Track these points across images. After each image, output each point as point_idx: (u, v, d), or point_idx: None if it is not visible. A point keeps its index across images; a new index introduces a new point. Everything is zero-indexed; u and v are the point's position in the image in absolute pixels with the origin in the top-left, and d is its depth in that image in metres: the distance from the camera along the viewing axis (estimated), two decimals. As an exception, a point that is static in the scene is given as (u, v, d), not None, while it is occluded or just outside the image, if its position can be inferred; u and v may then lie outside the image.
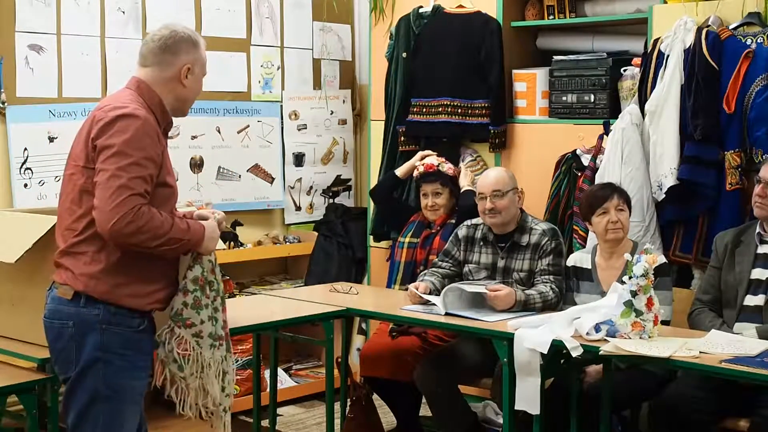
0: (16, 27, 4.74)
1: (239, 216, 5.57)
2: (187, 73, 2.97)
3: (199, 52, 3.01)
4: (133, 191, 2.75)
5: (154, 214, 2.79)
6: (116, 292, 2.84)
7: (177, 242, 2.86)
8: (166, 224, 2.82)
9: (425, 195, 4.74)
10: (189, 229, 2.91)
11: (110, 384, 2.85)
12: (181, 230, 2.87)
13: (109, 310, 2.84)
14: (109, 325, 2.84)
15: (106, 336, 2.84)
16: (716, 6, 4.31)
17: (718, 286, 3.84)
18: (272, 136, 5.81)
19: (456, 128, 5.18)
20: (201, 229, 2.96)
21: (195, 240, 2.93)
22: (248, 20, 5.69)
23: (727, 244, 3.85)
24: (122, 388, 2.87)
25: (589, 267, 4.08)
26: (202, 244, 2.96)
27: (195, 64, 2.99)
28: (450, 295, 3.98)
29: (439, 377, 4.19)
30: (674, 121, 4.29)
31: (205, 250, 2.98)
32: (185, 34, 2.99)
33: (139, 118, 2.82)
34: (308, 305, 4.24)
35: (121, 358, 2.86)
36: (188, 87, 3.00)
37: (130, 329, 2.87)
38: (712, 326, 3.67)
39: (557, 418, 3.75)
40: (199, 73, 3.02)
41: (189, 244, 2.92)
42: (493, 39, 5.06)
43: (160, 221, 2.81)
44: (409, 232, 4.80)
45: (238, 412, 5.06)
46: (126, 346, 2.86)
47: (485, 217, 4.22)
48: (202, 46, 3.03)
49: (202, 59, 3.02)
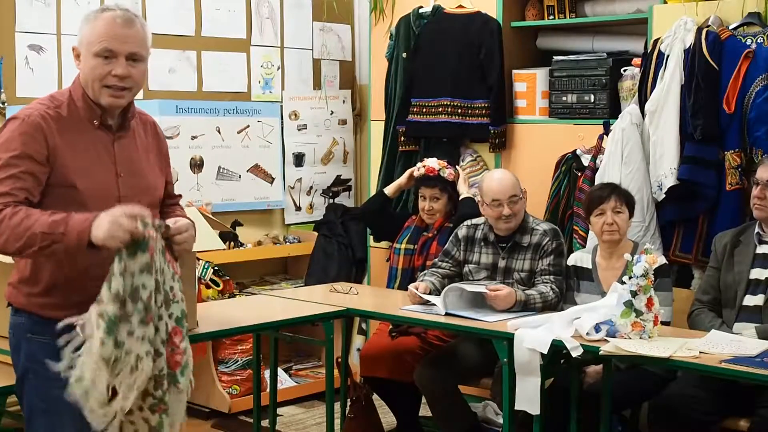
0: (16, 27, 4.74)
1: (239, 216, 5.57)
2: (76, 57, 2.69)
3: (85, 29, 2.65)
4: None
5: (16, 212, 2.49)
6: (32, 302, 2.67)
7: (46, 237, 2.45)
8: (29, 220, 2.48)
9: (423, 198, 4.71)
10: (65, 221, 2.47)
11: (42, 396, 2.65)
12: (50, 223, 2.46)
13: (31, 319, 2.67)
14: (32, 335, 2.66)
15: (32, 345, 2.66)
16: (716, 6, 4.31)
17: (718, 286, 3.85)
18: (272, 136, 5.81)
19: (456, 128, 5.18)
20: (88, 217, 2.46)
21: (75, 230, 2.45)
22: (248, 20, 5.69)
23: (726, 244, 3.85)
24: (56, 400, 2.57)
25: (590, 267, 4.08)
26: (89, 233, 2.44)
27: (80, 43, 2.66)
28: (450, 295, 3.98)
29: (439, 377, 4.19)
30: (674, 121, 4.29)
31: (102, 240, 2.44)
32: (87, 13, 2.70)
33: (18, 119, 2.60)
34: (308, 305, 4.24)
35: (49, 369, 2.54)
36: (81, 70, 2.67)
37: (55, 338, 2.53)
38: (712, 326, 3.67)
39: (557, 418, 3.75)
40: (86, 53, 2.64)
41: (68, 238, 2.45)
42: (493, 39, 5.06)
43: (21, 218, 2.48)
44: (405, 237, 4.77)
45: (238, 412, 5.07)
46: (52, 357, 2.54)
47: (499, 223, 4.16)
48: (95, 20, 2.64)
49: (87, 36, 2.64)
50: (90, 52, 2.63)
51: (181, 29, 5.36)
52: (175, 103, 5.28)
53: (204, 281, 4.99)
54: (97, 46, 2.61)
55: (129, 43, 2.64)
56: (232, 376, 5.13)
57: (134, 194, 2.71)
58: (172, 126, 5.26)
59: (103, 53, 2.62)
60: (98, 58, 2.62)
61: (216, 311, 4.06)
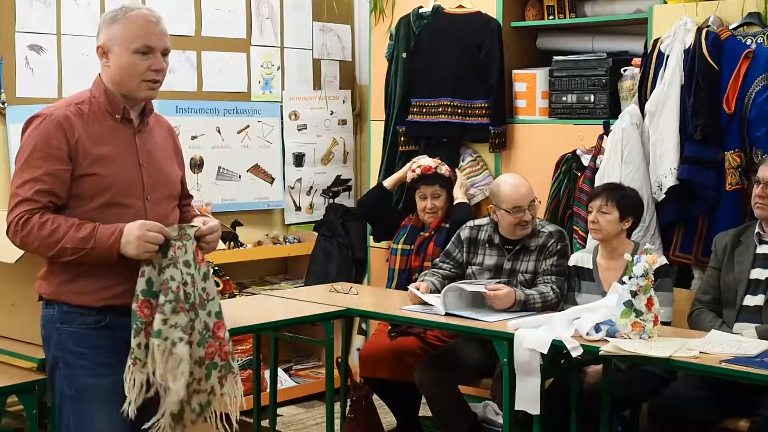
0: (16, 27, 4.74)
1: (239, 216, 5.57)
2: (101, 55, 2.83)
3: (114, 28, 2.81)
4: (19, 197, 2.70)
5: (43, 223, 2.68)
6: (61, 290, 2.80)
7: (77, 251, 2.69)
8: (57, 233, 2.68)
9: (423, 197, 4.70)
10: (92, 235, 2.68)
11: (72, 384, 2.79)
12: (79, 239, 2.68)
13: (61, 309, 2.80)
14: (62, 324, 2.80)
15: (62, 335, 2.80)
16: (716, 6, 4.31)
17: (718, 286, 3.84)
18: (272, 136, 5.81)
19: (456, 128, 5.18)
20: (114, 232, 2.69)
21: (103, 246, 2.69)
22: (248, 20, 5.69)
23: (726, 244, 3.85)
24: (85, 388, 2.78)
25: (590, 267, 4.08)
26: (118, 247, 2.69)
27: (111, 42, 2.81)
28: (450, 295, 3.98)
29: (439, 377, 4.19)
30: (674, 121, 4.29)
31: (134, 257, 2.70)
32: (108, 12, 2.87)
33: (39, 118, 2.76)
34: (308, 305, 4.24)
35: (79, 357, 2.78)
36: (114, 66, 2.82)
37: (84, 327, 2.79)
38: (712, 326, 3.67)
39: (557, 418, 3.75)
40: (120, 50, 2.80)
41: (96, 252, 2.69)
42: (493, 39, 5.06)
43: (50, 230, 2.68)
44: (402, 237, 4.76)
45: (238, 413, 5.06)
46: (81, 345, 2.79)
47: (517, 229, 4.14)
48: (126, 20, 2.81)
49: (119, 34, 2.80)
50: (127, 50, 2.79)
51: (181, 29, 5.36)
52: (175, 103, 5.28)
53: (204, 281, 4.99)
54: (137, 43, 2.79)
55: (164, 39, 2.86)
56: (232, 376, 5.13)
57: (156, 184, 2.91)
58: (172, 126, 5.25)
59: (143, 49, 2.80)
60: (137, 54, 2.80)
61: (216, 311, 4.05)
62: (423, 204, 4.70)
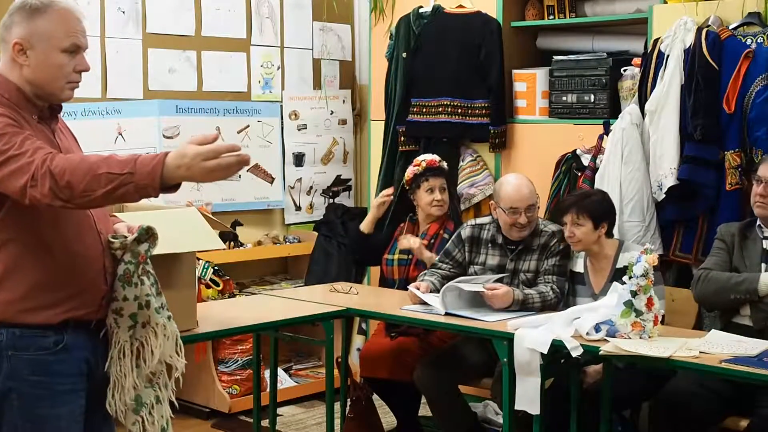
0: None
1: (239, 216, 5.57)
2: (18, 51, 2.41)
3: (38, 22, 2.41)
4: (24, 156, 2.28)
5: (68, 157, 2.30)
6: (10, 309, 2.39)
7: (112, 180, 2.23)
8: (88, 159, 2.27)
9: (431, 190, 4.58)
10: (133, 159, 2.24)
11: (27, 416, 2.42)
12: (117, 162, 2.25)
13: (13, 333, 2.39)
14: (15, 351, 2.39)
15: (13, 363, 2.40)
16: (716, 6, 4.31)
17: (726, 266, 3.78)
18: (272, 136, 5.81)
19: (456, 128, 5.18)
20: (154, 157, 2.24)
21: (143, 171, 2.22)
22: (248, 20, 5.69)
23: (734, 234, 3.82)
24: (42, 419, 2.42)
25: (582, 271, 4.08)
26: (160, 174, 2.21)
27: (34, 38, 2.40)
28: (449, 295, 3.97)
29: (439, 377, 4.19)
30: (674, 121, 4.29)
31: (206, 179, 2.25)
32: (23, 2, 2.44)
33: None
34: (308, 305, 4.24)
35: (36, 386, 2.41)
36: (35, 65, 2.42)
37: (42, 352, 2.41)
38: (733, 281, 3.64)
39: (557, 418, 3.75)
40: (47, 48, 2.41)
41: (135, 179, 2.23)
42: (493, 39, 5.06)
43: (80, 158, 2.29)
44: (397, 247, 4.68)
45: (239, 412, 5.07)
46: (38, 372, 2.41)
47: (513, 230, 4.13)
48: (53, 13, 2.42)
49: (46, 30, 2.41)
50: (56, 48, 2.42)
51: (181, 29, 5.36)
52: (175, 103, 5.28)
53: (204, 281, 4.99)
54: (67, 42, 2.43)
55: (86, 37, 2.52)
56: (232, 376, 5.13)
57: None
58: (172, 126, 5.26)
59: (71, 48, 2.45)
60: (65, 54, 2.44)
61: (216, 311, 4.05)
62: (431, 197, 4.59)
